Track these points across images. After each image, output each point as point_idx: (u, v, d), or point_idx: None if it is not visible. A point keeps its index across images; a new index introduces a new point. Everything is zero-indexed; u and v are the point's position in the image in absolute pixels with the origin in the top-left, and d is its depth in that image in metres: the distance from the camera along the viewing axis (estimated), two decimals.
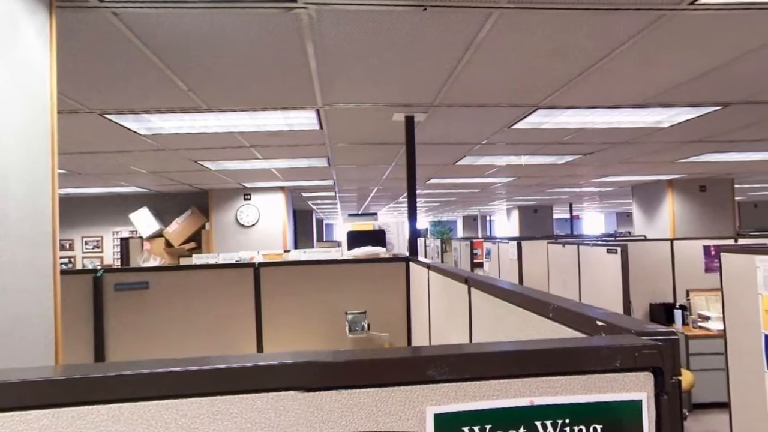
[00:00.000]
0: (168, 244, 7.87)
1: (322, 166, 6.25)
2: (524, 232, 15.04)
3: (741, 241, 5.84)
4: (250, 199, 8.23)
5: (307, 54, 2.47)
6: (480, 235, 21.32)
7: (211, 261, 5.37)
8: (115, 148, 4.57)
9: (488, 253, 8.41)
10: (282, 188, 8.28)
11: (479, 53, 2.53)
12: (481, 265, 8.94)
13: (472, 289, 1.55)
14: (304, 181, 7.75)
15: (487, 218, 23.23)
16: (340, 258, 4.71)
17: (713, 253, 5.40)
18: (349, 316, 2.91)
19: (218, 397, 0.56)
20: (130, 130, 3.89)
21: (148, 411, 0.54)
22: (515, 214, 16.14)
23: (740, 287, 2.66)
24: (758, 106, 3.74)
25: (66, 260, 8.60)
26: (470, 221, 23.52)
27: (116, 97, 3.05)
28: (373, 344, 2.93)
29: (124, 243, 8.10)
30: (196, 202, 8.31)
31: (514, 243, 6.97)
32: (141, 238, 8.00)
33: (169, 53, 2.41)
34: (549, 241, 6.11)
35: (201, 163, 5.56)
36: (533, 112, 3.73)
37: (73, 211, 8.59)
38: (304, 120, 3.84)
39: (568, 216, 17.85)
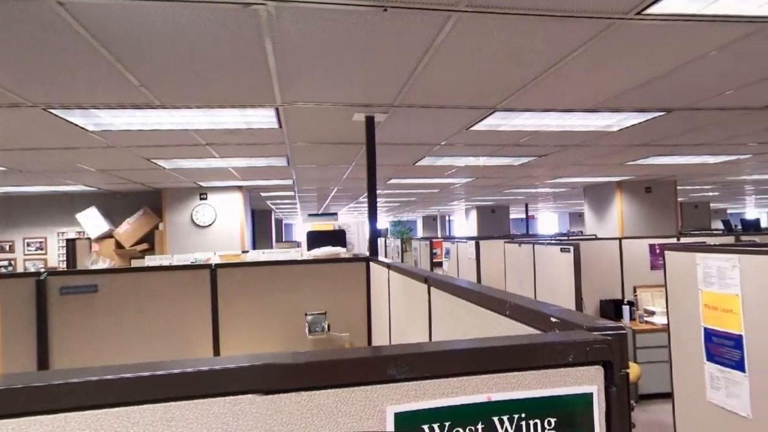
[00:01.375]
0: (118, 246, 7.55)
1: (281, 166, 6.16)
2: (482, 232, 15.35)
3: (683, 240, 6.18)
4: (206, 199, 8.01)
5: (266, 51, 2.43)
6: (439, 235, 21.59)
7: (165, 262, 5.20)
8: (61, 144, 4.35)
9: (447, 252, 8.54)
10: (240, 188, 8.10)
11: (439, 55, 2.57)
12: (440, 264, 9.06)
13: (432, 288, 1.56)
14: (262, 180, 7.62)
15: (447, 218, 23.57)
16: (299, 258, 4.66)
17: (658, 251, 5.69)
18: (309, 317, 2.89)
19: (172, 403, 0.54)
20: (76, 125, 3.70)
21: (96, 420, 0.52)
22: (473, 214, 16.45)
23: (682, 283, 2.81)
24: (698, 113, 3.97)
25: (5, 263, 8.10)
26: (430, 221, 23.79)
27: (62, 90, 2.90)
28: (333, 345, 2.92)
29: (71, 244, 7.70)
30: (149, 201, 8.00)
31: (473, 242, 7.10)
32: (89, 239, 7.63)
33: (119, 46, 2.31)
34: (506, 240, 6.26)
35: (154, 161, 5.37)
36: (491, 114, 3.81)
37: (14, 211, 8.10)
38: (262, 118, 3.77)
39: (524, 216, 18.36)
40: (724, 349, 2.55)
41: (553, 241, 5.39)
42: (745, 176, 9.26)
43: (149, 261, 5.32)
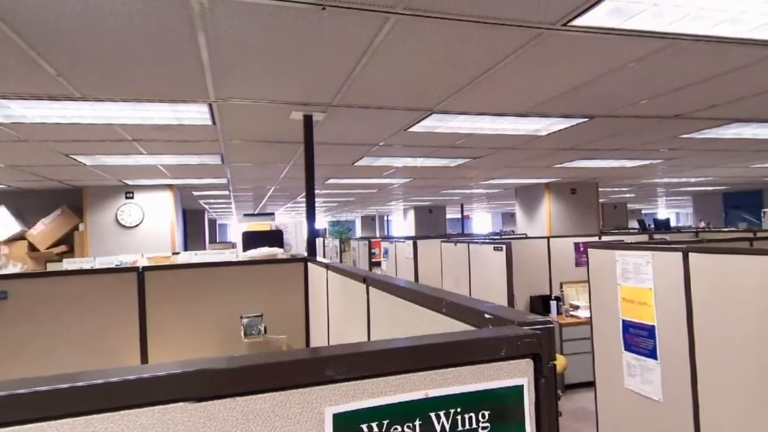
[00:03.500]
0: (32, 248, 6.96)
1: (215, 164, 5.94)
2: (420, 232, 15.63)
3: (604, 239, 6.61)
4: (132, 198, 7.57)
5: (198, 44, 2.34)
6: (378, 235, 21.74)
7: (86, 266, 4.85)
8: None
9: (386, 252, 8.61)
10: (170, 186, 7.73)
11: (377, 56, 2.58)
12: (379, 264, 9.12)
13: (371, 288, 1.57)
14: (195, 179, 7.31)
15: (385, 218, 23.77)
16: (234, 260, 4.51)
17: (582, 249, 6.05)
18: (245, 320, 2.80)
19: (95, 416, 0.50)
20: None
21: None
22: (411, 214, 16.71)
23: (603, 279, 3.01)
24: (617, 120, 4.27)
25: None
26: (368, 221, 23.89)
27: None
28: (270, 348, 2.85)
29: None
30: (68, 200, 7.44)
31: (410, 242, 7.21)
32: None
33: (34, 32, 2.13)
34: (442, 240, 6.41)
35: (73, 157, 5.00)
36: (428, 116, 3.89)
37: None
38: (195, 114, 3.62)
39: (459, 216, 18.89)
40: (639, 339, 2.76)
41: (487, 241, 5.59)
42: (657, 179, 10.08)
43: (68, 264, 4.95)
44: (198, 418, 0.54)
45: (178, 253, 5.82)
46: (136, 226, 7.53)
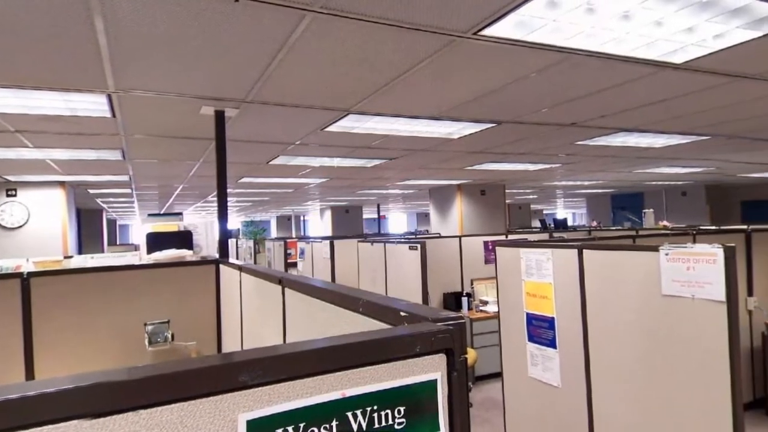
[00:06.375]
0: None
1: (115, 160, 5.49)
2: (337, 232, 15.60)
3: (510, 237, 7.04)
4: (15, 196, 6.78)
5: (95, 29, 2.15)
6: (294, 235, 21.37)
7: None
8: None
9: (302, 252, 8.49)
10: (62, 183, 7.03)
11: (293, 54, 2.54)
12: (295, 264, 8.97)
13: (286, 289, 1.54)
14: (91, 176, 6.71)
15: (301, 218, 23.42)
16: (137, 263, 4.20)
17: (491, 247, 6.39)
18: (149, 327, 2.62)
19: None
20: None
21: None
22: (328, 214, 16.63)
23: (510, 275, 3.21)
24: (522, 126, 4.56)
25: None
26: (284, 221, 23.40)
27: None
28: (177, 355, 2.69)
29: None
30: None
31: (327, 242, 7.17)
32: None
33: None
34: (359, 239, 6.45)
35: None
36: (345, 116, 3.90)
37: None
38: (91, 105, 3.32)
39: (376, 216, 19.13)
40: (541, 330, 2.97)
41: (403, 240, 5.70)
42: (557, 182, 10.92)
43: None
44: None
45: (71, 257, 5.30)
46: (20, 227, 6.76)
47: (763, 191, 12.57)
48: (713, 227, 7.06)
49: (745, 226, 4.96)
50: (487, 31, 2.31)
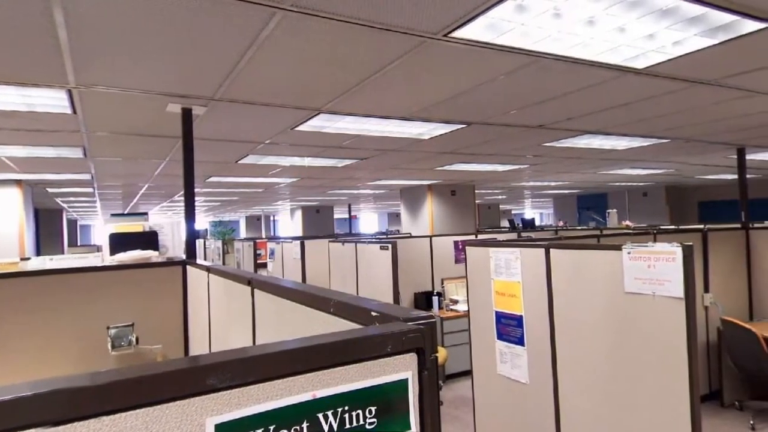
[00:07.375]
0: None
1: (75, 158, 5.30)
2: (307, 232, 15.48)
3: (480, 237, 7.14)
4: None
5: (54, 22, 2.07)
6: (264, 235, 21.08)
7: None
8: None
9: (272, 253, 8.38)
10: (18, 182, 6.73)
11: (263, 51, 2.50)
12: (264, 265, 8.85)
13: (256, 290, 1.52)
14: (50, 174, 6.45)
15: (271, 218, 23.13)
16: (100, 264, 4.06)
17: (461, 246, 6.46)
18: (113, 331, 2.54)
19: None
20: None
21: None
22: (299, 214, 16.48)
23: (479, 274, 3.25)
24: (491, 127, 4.63)
25: None
26: (254, 221, 23.07)
27: None
28: (142, 359, 2.62)
29: None
30: None
31: (298, 242, 7.10)
32: None
33: None
34: (330, 240, 6.41)
35: None
36: (316, 115, 3.87)
37: None
38: (50, 100, 3.20)
39: (347, 216, 19.08)
40: (510, 328, 3.02)
41: (374, 240, 5.70)
42: (525, 182, 11.14)
43: None
44: None
45: (28, 259, 5.08)
46: None
47: (719, 192, 13.17)
48: (672, 227, 7.34)
49: (701, 226, 5.18)
50: (457, 33, 2.33)
